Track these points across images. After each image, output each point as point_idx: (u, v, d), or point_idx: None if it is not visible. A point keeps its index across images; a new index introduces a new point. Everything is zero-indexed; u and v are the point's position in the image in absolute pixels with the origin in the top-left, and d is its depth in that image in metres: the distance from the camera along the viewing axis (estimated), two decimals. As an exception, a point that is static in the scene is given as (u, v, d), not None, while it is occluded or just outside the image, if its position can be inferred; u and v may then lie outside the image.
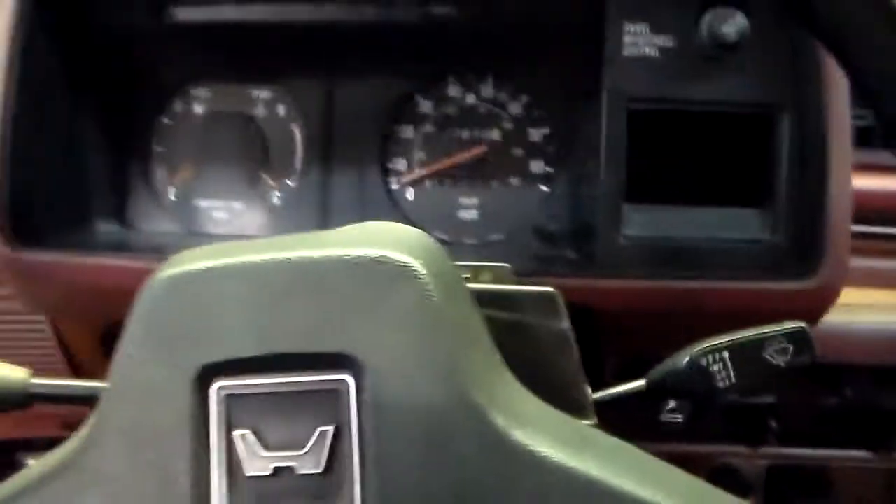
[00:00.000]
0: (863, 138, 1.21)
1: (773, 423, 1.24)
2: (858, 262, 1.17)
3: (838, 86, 0.98)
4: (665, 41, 1.01)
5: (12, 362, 0.74)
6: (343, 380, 0.53)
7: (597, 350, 1.00)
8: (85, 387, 0.71)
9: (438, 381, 0.53)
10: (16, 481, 0.58)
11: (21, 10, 1.01)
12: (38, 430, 1.42)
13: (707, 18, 0.98)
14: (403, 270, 0.54)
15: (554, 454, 0.53)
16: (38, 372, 0.75)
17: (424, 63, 1.19)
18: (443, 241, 1.11)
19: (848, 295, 1.14)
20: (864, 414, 1.25)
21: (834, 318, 1.16)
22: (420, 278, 0.54)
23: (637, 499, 0.53)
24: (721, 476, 1.33)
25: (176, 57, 1.20)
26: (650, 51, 1.01)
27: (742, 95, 1.02)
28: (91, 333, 1.19)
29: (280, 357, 0.54)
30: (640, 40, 1.01)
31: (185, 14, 1.11)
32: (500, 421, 0.53)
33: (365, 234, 0.59)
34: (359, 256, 0.55)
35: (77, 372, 1.26)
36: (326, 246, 0.56)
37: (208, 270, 0.56)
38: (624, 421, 0.68)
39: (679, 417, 1.09)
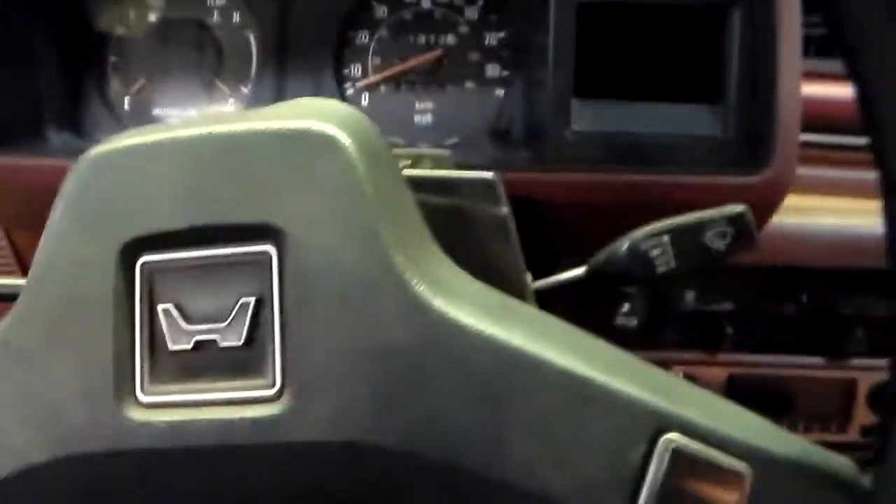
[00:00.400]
0: (819, 48, 1.21)
1: (730, 330, 1.24)
2: (813, 171, 1.18)
3: (790, -16, 0.99)
4: None
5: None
6: (265, 251, 0.54)
7: (550, 246, 1.00)
8: (18, 284, 0.70)
9: (360, 249, 0.53)
10: None
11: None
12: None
13: None
14: (328, 141, 0.54)
15: (474, 322, 0.53)
16: None
17: (380, -32, 1.18)
18: (398, 146, 1.11)
19: (803, 201, 1.15)
20: (820, 319, 1.26)
21: (789, 220, 1.17)
22: (344, 149, 0.54)
23: (556, 366, 0.53)
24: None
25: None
26: None
27: None
28: None
29: (203, 229, 0.54)
30: None
31: None
32: (421, 288, 0.53)
33: (293, 109, 0.59)
34: (283, 128, 0.55)
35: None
36: (252, 120, 0.56)
37: (134, 147, 0.56)
38: (577, 324, 0.67)
39: (633, 321, 1.10)
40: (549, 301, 0.80)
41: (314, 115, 0.56)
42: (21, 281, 0.73)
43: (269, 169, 0.54)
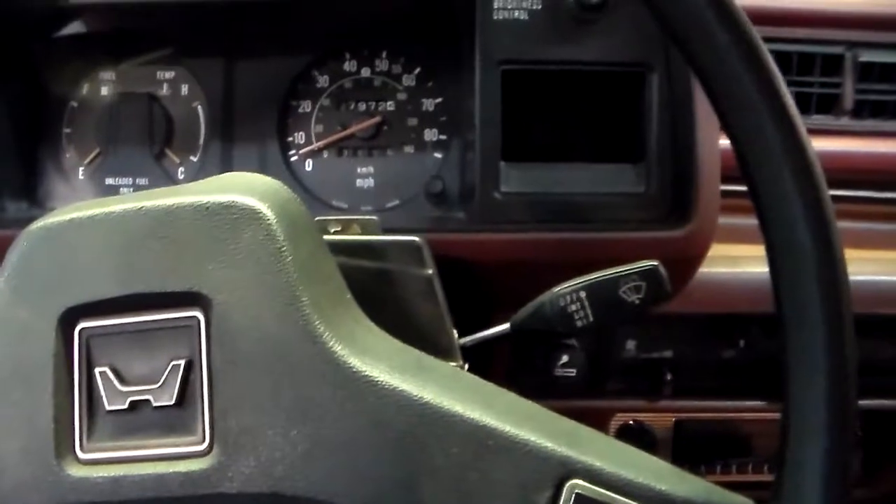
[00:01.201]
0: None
1: (670, 377, 1.27)
2: (744, 221, 1.22)
3: (704, 46, 1.02)
4: (534, 4, 1.04)
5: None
6: (194, 315, 0.57)
7: (483, 303, 1.03)
8: None
9: (281, 313, 0.57)
10: None
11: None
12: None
13: None
14: (249, 213, 0.58)
15: (389, 379, 0.57)
16: None
17: (320, 39, 1.22)
18: (341, 209, 1.15)
19: (736, 250, 1.19)
20: (759, 363, 1.28)
21: (722, 269, 1.20)
22: (265, 220, 0.58)
23: (464, 418, 0.57)
24: (628, 433, 1.36)
25: (80, 42, 1.22)
26: (519, 14, 1.04)
27: (611, 55, 1.05)
28: None
29: (136, 297, 0.58)
30: (509, 4, 1.04)
31: None
32: (338, 348, 0.57)
33: (219, 183, 0.63)
34: (208, 202, 0.59)
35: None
36: (180, 195, 0.60)
37: (71, 221, 0.60)
38: (518, 377, 0.70)
39: (572, 372, 1.13)
40: (484, 356, 0.84)
41: (238, 188, 0.60)
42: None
43: (196, 240, 0.58)
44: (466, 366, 0.80)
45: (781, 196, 0.55)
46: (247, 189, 0.60)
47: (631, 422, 1.37)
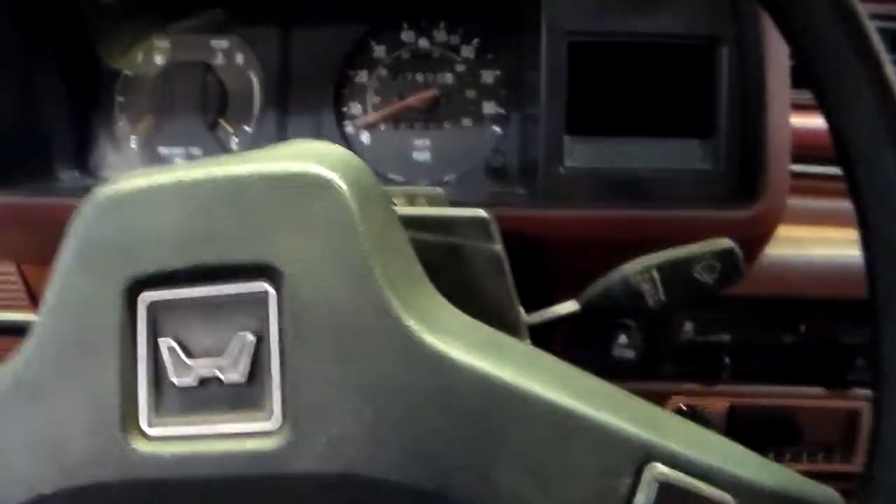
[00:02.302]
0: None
1: (728, 361, 1.25)
2: (809, 202, 1.19)
3: (776, 21, 1.00)
4: None
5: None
6: (264, 288, 0.56)
7: (545, 280, 1.02)
8: (27, 318, 0.72)
9: (354, 287, 0.55)
10: None
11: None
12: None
13: None
14: (322, 183, 0.56)
15: (464, 356, 0.55)
16: None
17: (378, 9, 1.21)
18: (397, 182, 1.13)
19: (800, 232, 1.17)
20: (820, 350, 1.27)
21: (785, 251, 1.18)
22: (338, 190, 0.56)
23: (542, 399, 0.55)
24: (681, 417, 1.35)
25: (134, 9, 1.22)
26: None
27: (680, 28, 1.04)
28: None
29: (203, 268, 0.56)
30: None
31: None
32: (412, 324, 0.55)
33: (289, 152, 0.62)
34: (279, 171, 0.57)
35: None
36: (250, 163, 0.58)
37: (137, 189, 0.58)
38: (576, 358, 0.69)
39: (630, 353, 1.11)
40: (546, 335, 0.82)
41: (310, 157, 0.58)
42: (32, 316, 0.76)
43: (266, 210, 0.56)
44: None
45: (881, 182, 0.53)
46: (318, 158, 0.59)
47: (683, 406, 1.36)
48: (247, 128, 1.22)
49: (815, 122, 1.17)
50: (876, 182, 0.53)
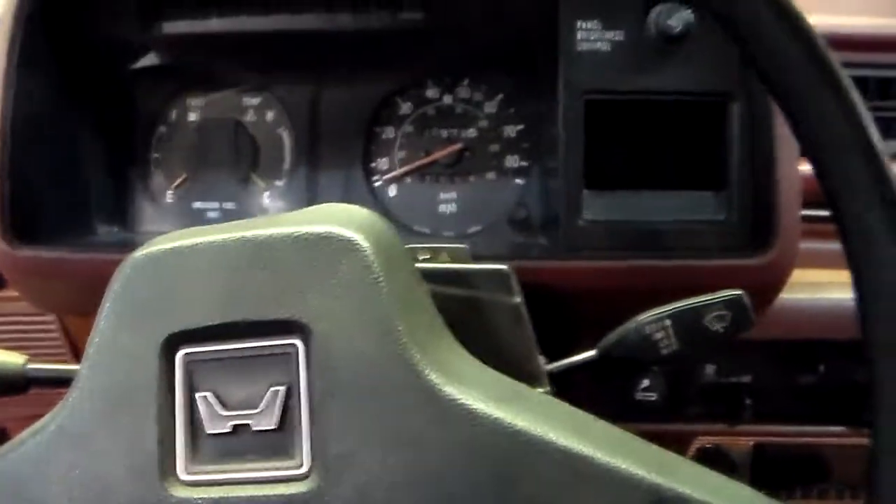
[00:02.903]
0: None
1: (749, 401, 1.27)
2: (822, 245, 1.21)
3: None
4: (616, 35, 1.06)
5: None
6: (293, 343, 0.59)
7: (566, 329, 1.04)
8: (77, 370, 0.75)
9: (378, 342, 0.58)
10: (6, 445, 0.64)
11: (18, 25, 1.07)
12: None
13: (654, 13, 1.03)
14: (347, 244, 0.60)
15: (483, 407, 0.58)
16: None
17: (403, 67, 1.24)
18: (424, 234, 1.16)
19: (814, 275, 1.19)
20: (839, 389, 1.28)
21: (802, 295, 1.20)
22: (362, 251, 0.59)
23: (557, 445, 0.57)
24: (707, 456, 1.36)
25: (169, 68, 1.25)
26: (602, 45, 1.06)
27: (692, 85, 1.06)
28: None
29: (237, 325, 0.59)
30: (592, 35, 1.06)
31: (172, 27, 1.18)
32: (433, 377, 0.58)
33: (316, 214, 0.65)
34: (307, 233, 0.60)
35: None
36: (279, 225, 0.62)
37: (173, 250, 0.62)
38: (599, 401, 0.71)
39: (653, 396, 1.13)
40: (569, 380, 0.85)
41: (336, 219, 0.62)
42: (74, 367, 0.79)
43: (295, 270, 0.59)
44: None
45: (867, 231, 0.56)
46: (344, 220, 0.62)
47: (709, 445, 1.37)
48: (278, 182, 1.25)
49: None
50: (860, 230, 0.56)
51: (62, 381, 0.79)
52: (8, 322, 1.38)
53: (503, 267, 0.80)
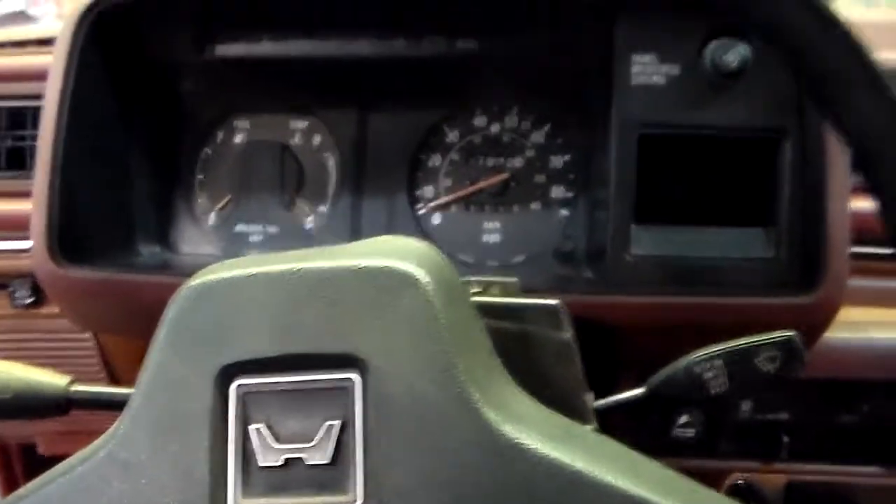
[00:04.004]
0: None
1: (786, 439, 1.26)
2: (868, 283, 1.21)
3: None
4: (671, 70, 1.06)
5: (57, 374, 0.81)
6: (350, 378, 0.59)
7: (612, 363, 1.04)
8: (122, 393, 0.75)
9: (435, 379, 0.58)
10: (55, 470, 0.64)
11: (74, 48, 1.08)
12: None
13: (710, 48, 1.03)
14: (407, 279, 0.59)
15: (540, 447, 0.57)
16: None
17: (451, 95, 1.24)
18: (467, 264, 1.16)
19: (858, 314, 1.18)
20: (879, 429, 1.27)
21: (846, 335, 1.19)
22: (422, 286, 0.59)
23: (615, 488, 0.57)
24: (740, 493, 1.35)
25: (218, 90, 1.27)
26: (657, 79, 1.06)
27: (746, 121, 1.06)
28: (133, 348, 1.22)
29: (293, 357, 0.59)
30: (647, 70, 1.06)
31: (225, 50, 1.19)
32: (491, 415, 0.57)
33: (374, 247, 0.65)
34: (366, 266, 0.60)
35: (118, 385, 1.33)
36: (337, 257, 0.61)
37: (230, 280, 0.62)
38: (637, 436, 0.71)
39: (691, 432, 1.13)
40: (610, 413, 0.84)
41: (395, 253, 0.62)
42: (117, 389, 0.79)
43: (353, 303, 0.59)
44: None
45: None
46: (403, 253, 0.62)
47: (741, 481, 1.37)
48: (322, 207, 1.26)
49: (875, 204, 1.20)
50: None
51: (105, 404, 0.80)
52: (45, 339, 1.39)
53: (555, 302, 0.80)
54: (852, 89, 0.57)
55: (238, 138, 1.28)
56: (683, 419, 1.12)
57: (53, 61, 1.09)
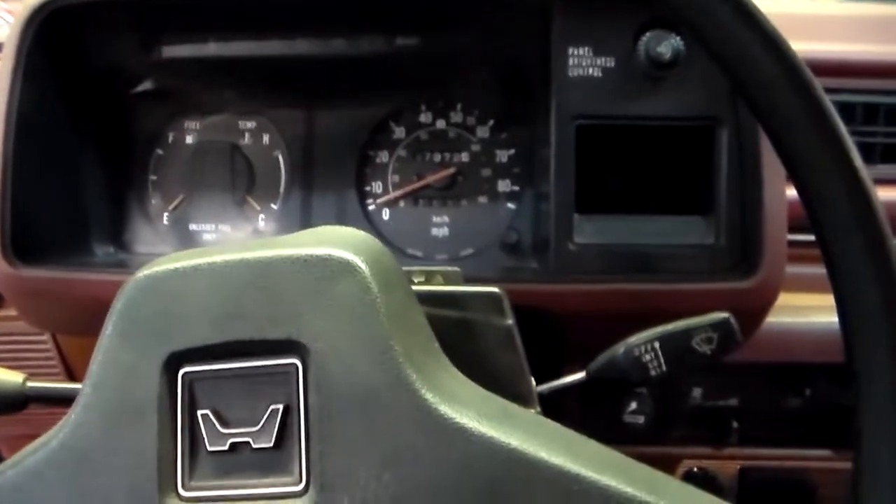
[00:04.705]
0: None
1: (736, 425, 1.28)
2: (810, 269, 1.23)
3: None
4: (607, 62, 1.08)
5: (14, 374, 0.82)
6: (292, 363, 0.60)
7: (555, 350, 1.06)
8: (77, 388, 0.75)
9: (374, 362, 0.59)
10: (6, 462, 0.65)
11: (20, 51, 1.09)
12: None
13: (644, 40, 1.05)
14: (345, 266, 0.61)
15: (477, 426, 0.59)
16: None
17: (397, 92, 1.26)
18: (417, 257, 1.18)
19: (801, 299, 1.20)
20: (825, 413, 1.29)
21: (788, 319, 1.22)
22: (360, 273, 0.61)
23: (549, 464, 0.59)
24: (693, 480, 1.37)
25: (167, 92, 1.27)
26: (594, 72, 1.08)
27: (681, 111, 1.08)
28: (91, 347, 1.23)
29: (237, 344, 0.61)
30: (583, 62, 1.08)
31: (172, 52, 1.20)
32: (429, 396, 0.59)
33: (314, 236, 0.67)
34: (306, 255, 0.62)
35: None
36: (278, 247, 0.63)
37: (175, 271, 0.63)
38: (587, 422, 0.72)
39: (640, 419, 1.15)
40: (558, 401, 0.86)
41: (335, 242, 0.64)
42: (72, 385, 0.81)
43: (294, 291, 0.61)
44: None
45: (849, 258, 0.58)
46: (342, 242, 0.64)
47: (695, 469, 1.39)
48: (273, 205, 1.27)
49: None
50: (843, 256, 0.58)
51: (61, 400, 0.81)
52: (3, 342, 1.39)
53: (496, 290, 0.82)
54: (772, 90, 0.59)
55: (189, 139, 1.29)
56: (633, 406, 1.14)
57: (0, 66, 1.10)
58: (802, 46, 0.96)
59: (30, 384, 0.83)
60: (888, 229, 0.58)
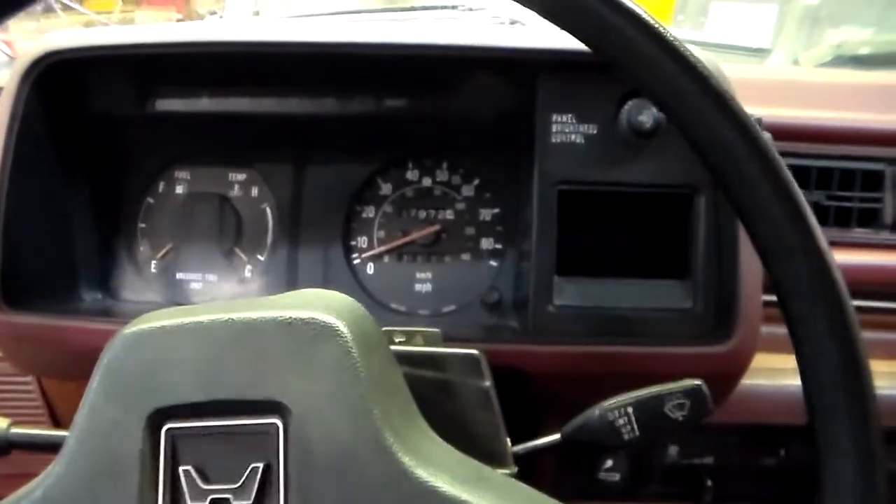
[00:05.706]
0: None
1: (710, 483, 1.29)
2: (783, 329, 1.25)
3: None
4: (589, 129, 1.10)
5: (-2, 418, 0.83)
6: (273, 423, 0.62)
7: (533, 409, 1.08)
8: (60, 435, 0.77)
9: (353, 425, 0.61)
10: None
11: (18, 101, 1.11)
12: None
13: (626, 109, 1.07)
14: (328, 330, 0.63)
15: (451, 490, 0.61)
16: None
17: (385, 149, 1.28)
18: (400, 312, 1.20)
19: (775, 360, 1.22)
20: (798, 472, 1.31)
21: (763, 381, 1.23)
22: (342, 336, 0.63)
23: None
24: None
25: (159, 143, 1.30)
26: (576, 138, 1.10)
27: (660, 178, 1.10)
28: (75, 391, 1.23)
29: (220, 403, 0.63)
30: (566, 129, 1.10)
31: (165, 105, 1.22)
32: (405, 459, 0.61)
33: (298, 299, 0.69)
34: (290, 317, 0.64)
35: (60, 427, 1.33)
36: (263, 309, 0.65)
37: (161, 328, 0.65)
38: (564, 479, 0.74)
39: (616, 476, 1.16)
40: (535, 459, 0.88)
41: (317, 305, 0.65)
42: (57, 432, 0.82)
43: (277, 352, 0.63)
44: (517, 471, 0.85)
45: (809, 324, 0.60)
46: (325, 306, 0.66)
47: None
48: (260, 256, 1.29)
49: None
50: (803, 323, 0.60)
51: (44, 447, 0.82)
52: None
53: (474, 352, 0.84)
54: (734, 164, 0.61)
55: (179, 189, 1.31)
56: (609, 463, 1.16)
57: (-2, 111, 1.12)
58: (781, 112, 1.00)
59: (14, 430, 0.84)
60: (851, 312, 0.60)
